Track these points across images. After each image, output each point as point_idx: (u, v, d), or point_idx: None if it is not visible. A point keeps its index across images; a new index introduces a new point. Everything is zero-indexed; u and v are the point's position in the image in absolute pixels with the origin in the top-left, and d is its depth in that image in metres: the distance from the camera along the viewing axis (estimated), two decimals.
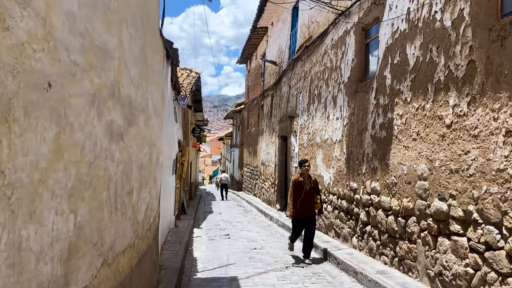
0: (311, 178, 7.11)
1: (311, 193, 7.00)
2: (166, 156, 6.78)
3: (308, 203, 6.95)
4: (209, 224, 11.45)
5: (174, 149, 8.71)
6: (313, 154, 9.62)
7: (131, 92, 3.58)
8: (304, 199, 6.92)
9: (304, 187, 6.95)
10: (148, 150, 4.49)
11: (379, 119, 6.35)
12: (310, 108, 10.01)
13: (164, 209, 7.28)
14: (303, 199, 6.91)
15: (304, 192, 6.92)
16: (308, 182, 7.02)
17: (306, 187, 6.96)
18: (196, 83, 13.42)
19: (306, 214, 6.95)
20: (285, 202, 13.29)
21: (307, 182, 7.00)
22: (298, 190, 6.94)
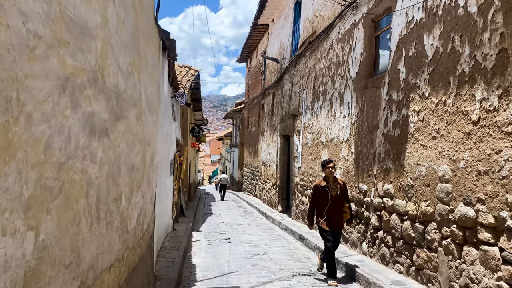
0: (337, 182, 5.80)
1: (339, 201, 5.72)
2: (162, 156, 6.28)
3: (336, 213, 5.67)
4: (209, 226, 10.95)
5: (171, 148, 8.21)
6: (317, 154, 9.12)
7: (119, 82, 3.09)
8: (331, 209, 5.66)
9: (329, 193, 5.68)
10: (140, 149, 3.99)
11: (392, 116, 5.86)
12: (315, 106, 9.51)
13: (161, 213, 6.78)
14: (330, 208, 5.66)
15: (329, 199, 5.67)
16: (334, 187, 5.74)
17: (332, 193, 5.69)
18: (195, 80, 12.92)
19: (334, 227, 5.68)
20: (287, 203, 12.81)
21: (333, 187, 5.73)
22: (322, 197, 5.67)
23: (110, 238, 2.83)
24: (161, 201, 6.50)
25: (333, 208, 5.69)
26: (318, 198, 5.77)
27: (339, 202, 5.74)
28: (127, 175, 3.41)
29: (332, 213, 5.69)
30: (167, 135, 7.15)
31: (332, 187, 5.74)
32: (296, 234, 8.98)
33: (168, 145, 7.56)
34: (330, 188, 5.74)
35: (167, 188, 7.49)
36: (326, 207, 5.68)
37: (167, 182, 7.48)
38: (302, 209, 10.17)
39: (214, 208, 16.06)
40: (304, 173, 10.15)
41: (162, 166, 6.32)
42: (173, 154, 8.40)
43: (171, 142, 8.18)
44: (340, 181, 5.89)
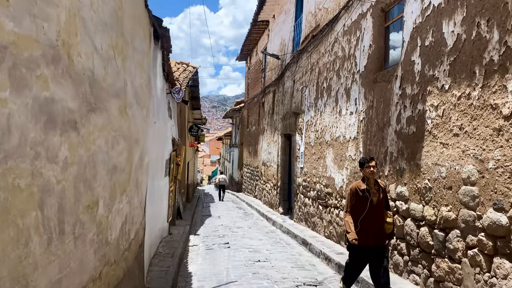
0: (379, 185, 4.59)
1: (380, 208, 4.53)
2: (156, 156, 5.75)
3: (375, 223, 4.47)
4: (207, 229, 10.42)
5: (167, 148, 7.68)
6: (321, 153, 8.60)
7: (95, 67, 2.56)
8: (369, 217, 4.45)
9: (370, 198, 4.49)
10: (126, 147, 3.46)
11: (406, 112, 5.33)
12: (318, 103, 8.99)
13: (155, 217, 6.25)
14: (367, 217, 4.45)
15: (369, 206, 4.47)
16: (376, 191, 4.53)
17: (373, 198, 4.50)
18: (193, 77, 12.38)
19: (372, 240, 4.44)
20: (289, 205, 12.28)
21: (374, 192, 4.52)
22: (360, 203, 4.51)
23: (81, 255, 2.30)
24: (155, 204, 5.97)
25: (372, 217, 4.46)
26: (354, 203, 4.57)
27: (380, 211, 4.53)
28: (107, 178, 2.88)
29: (370, 223, 4.45)
30: (161, 133, 6.62)
31: (373, 192, 4.52)
32: (299, 238, 8.45)
33: (163, 144, 7.03)
34: (371, 193, 4.51)
35: (161, 190, 6.96)
36: (362, 215, 4.47)
37: (161, 184, 6.95)
38: (305, 212, 9.65)
39: (213, 210, 15.53)
40: (307, 173, 9.63)
41: (155, 166, 5.79)
42: (168, 154, 7.87)
43: (167, 141, 7.65)
44: (382, 184, 4.66)
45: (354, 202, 4.58)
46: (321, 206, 8.49)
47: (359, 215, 4.50)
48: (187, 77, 11.73)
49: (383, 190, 4.62)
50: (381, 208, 4.55)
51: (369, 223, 4.46)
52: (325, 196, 8.25)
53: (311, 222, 9.13)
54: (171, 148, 8.24)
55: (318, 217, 8.65)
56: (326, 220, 8.13)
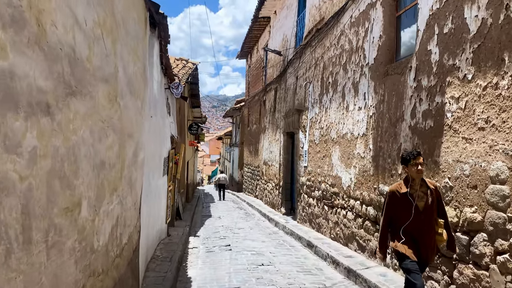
0: (427, 187, 3.66)
1: (428, 216, 3.59)
2: (152, 153, 5.34)
3: (422, 234, 3.59)
4: (207, 231, 10.01)
5: (165, 145, 7.27)
6: (327, 151, 8.19)
7: (76, 44, 2.15)
8: (415, 227, 3.57)
9: (415, 204, 3.57)
10: (116, 141, 3.05)
11: (421, 106, 4.93)
12: (323, 99, 8.58)
13: (152, 218, 5.85)
14: (413, 226, 3.57)
15: (413, 213, 3.55)
16: (422, 194, 3.62)
17: (419, 204, 3.59)
18: (192, 74, 11.97)
19: (417, 257, 3.55)
20: (291, 205, 11.88)
21: (420, 195, 3.60)
22: (402, 210, 3.61)
23: (57, 268, 1.89)
24: (151, 204, 5.57)
25: (419, 226, 3.57)
26: (394, 210, 3.70)
27: (429, 218, 3.59)
28: (93, 175, 2.47)
29: (417, 234, 3.59)
30: (159, 129, 6.22)
31: (419, 195, 3.59)
32: (303, 240, 8.05)
33: (161, 141, 6.62)
34: (417, 196, 3.58)
35: (159, 190, 6.55)
36: (406, 223, 3.60)
37: (159, 183, 6.54)
38: (309, 212, 9.24)
39: (213, 210, 15.12)
40: (311, 172, 9.22)
41: (152, 164, 5.39)
42: (167, 152, 7.47)
43: (165, 138, 7.24)
44: (431, 185, 3.70)
45: (393, 209, 3.69)
46: (327, 206, 8.09)
47: (402, 224, 3.61)
48: (186, 73, 11.32)
49: (432, 193, 3.64)
50: (429, 216, 3.57)
51: (415, 234, 3.56)
52: (331, 196, 7.84)
53: (316, 223, 8.73)
54: (169, 146, 7.83)
55: (324, 218, 8.25)
56: (332, 221, 7.72)
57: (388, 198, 3.77)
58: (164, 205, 7.36)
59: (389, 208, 3.76)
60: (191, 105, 16.41)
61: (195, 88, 14.34)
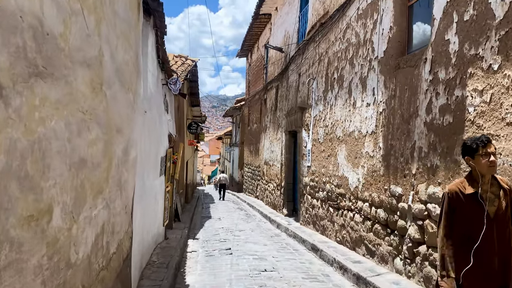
0: (499, 186, 2.67)
1: (503, 225, 2.61)
2: (147, 151, 4.94)
3: (497, 251, 2.57)
4: (207, 233, 9.60)
5: (162, 144, 6.87)
6: (332, 150, 7.79)
7: (45, 15, 1.74)
8: (486, 243, 2.55)
9: (486, 210, 2.58)
10: (101, 135, 2.64)
11: (438, 100, 4.52)
12: (328, 96, 8.18)
13: (148, 221, 5.45)
14: (486, 241, 2.55)
15: (486, 222, 2.55)
16: (493, 196, 2.62)
17: (490, 209, 2.60)
18: (192, 71, 11.57)
19: (493, 282, 2.58)
20: (293, 206, 11.49)
21: (492, 197, 2.62)
22: (469, 218, 2.64)
23: None
24: (147, 207, 5.16)
25: (491, 241, 2.57)
26: (458, 218, 2.68)
27: (504, 229, 2.61)
28: (70, 175, 2.07)
29: (489, 252, 2.57)
30: (155, 126, 5.82)
31: (489, 197, 2.61)
32: (307, 243, 7.64)
33: (158, 139, 6.22)
34: (487, 199, 2.60)
35: (155, 191, 6.15)
36: (477, 238, 2.54)
37: (156, 184, 6.14)
38: (312, 214, 8.84)
39: (213, 211, 14.72)
40: (314, 172, 8.81)
41: (147, 163, 4.98)
42: (164, 151, 7.06)
43: (162, 136, 6.84)
44: (505, 184, 2.69)
45: (456, 218, 2.68)
46: (332, 208, 7.68)
47: (468, 239, 2.60)
48: (185, 70, 10.93)
49: (507, 194, 2.65)
50: (504, 226, 2.60)
51: (486, 253, 2.55)
52: (336, 197, 7.44)
53: (320, 226, 8.32)
54: (167, 144, 7.43)
55: (329, 220, 7.84)
56: (338, 224, 7.32)
57: (448, 201, 2.72)
58: (161, 207, 6.95)
59: (451, 216, 2.69)
60: (190, 104, 16.00)
61: (194, 86, 13.94)
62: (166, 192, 7.34)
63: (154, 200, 5.95)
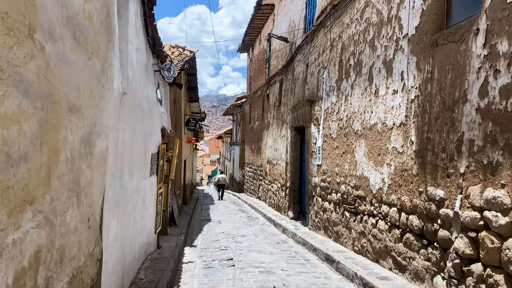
0: None
1: None
2: (129, 145, 3.93)
3: None
4: (206, 239, 8.59)
5: (154, 138, 5.86)
6: (348, 147, 6.78)
7: None
8: None
9: None
10: (30, 110, 1.63)
11: (498, 80, 3.52)
12: (342, 85, 7.18)
13: (132, 232, 4.45)
14: None
15: None
16: None
17: None
18: (189, 62, 10.56)
19: None
20: (300, 209, 10.50)
21: None
22: None
23: None
24: (129, 214, 4.15)
25: None
26: None
27: None
28: None
29: None
30: (143, 116, 4.81)
31: None
32: (320, 252, 6.64)
33: (147, 132, 5.21)
34: None
35: (143, 194, 5.14)
36: None
37: (144, 185, 5.13)
38: (324, 218, 7.83)
39: (213, 213, 13.70)
40: (326, 172, 7.81)
41: (130, 160, 3.97)
42: (156, 147, 6.05)
43: (153, 130, 5.83)
44: None
45: None
46: (348, 212, 6.68)
47: None
48: (183, 60, 9.91)
49: None
50: None
51: None
52: (354, 200, 6.44)
53: (333, 232, 7.32)
54: (160, 139, 6.42)
55: (344, 226, 6.83)
56: (356, 231, 6.31)
57: None
58: (152, 212, 5.94)
59: None
60: (188, 99, 14.96)
61: (193, 79, 12.92)
62: (158, 195, 6.33)
63: (140, 206, 4.93)
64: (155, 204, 6.21)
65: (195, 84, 13.31)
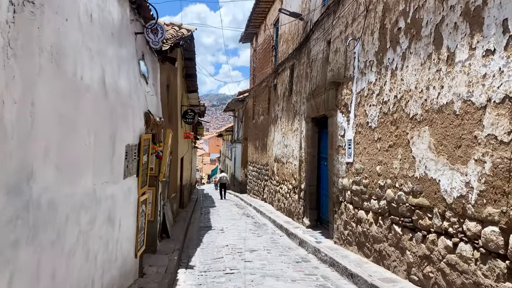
0: None
1: None
2: (59, 120, 2.12)
3: None
4: (206, 255, 6.77)
5: (130, 123, 4.03)
6: (398, 138, 4.97)
7: None
8: None
9: None
10: None
11: None
12: (386, 57, 5.36)
13: (89, 273, 2.62)
14: None
15: None
16: None
17: None
18: (187, 41, 8.72)
19: None
20: (318, 215, 8.71)
21: None
22: None
23: None
24: (70, 251, 2.34)
25: None
26: None
27: None
28: None
29: None
30: (104, 88, 2.98)
31: None
32: (360, 280, 4.82)
33: (116, 110, 3.39)
34: None
35: (111, 207, 3.31)
36: None
37: (113, 193, 3.31)
38: (358, 231, 6.01)
39: (214, 218, 11.87)
40: (361, 171, 6.00)
41: (66, 153, 2.17)
42: (136, 137, 4.23)
43: (130, 111, 4.01)
44: None
45: None
46: (400, 227, 4.86)
47: None
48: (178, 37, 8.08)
49: None
50: None
51: None
52: (410, 210, 4.62)
53: (373, 250, 5.50)
54: (142, 127, 4.59)
55: (392, 245, 5.02)
56: (415, 254, 4.49)
57: None
58: (129, 230, 4.11)
59: None
60: (186, 89, 13.10)
61: (191, 65, 11.08)
62: (140, 204, 4.50)
63: (104, 226, 3.11)
64: (136, 217, 4.39)
65: (193, 71, 11.45)
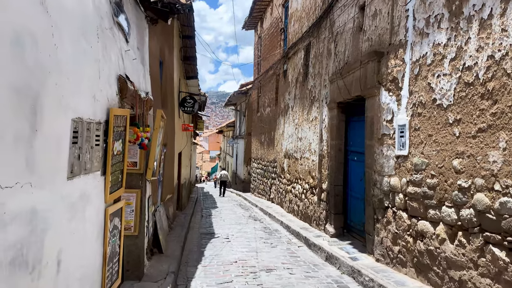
0: None
1: None
2: None
3: None
4: (210, 277, 5.13)
5: (84, 82, 2.38)
6: (497, 118, 3.32)
7: None
8: None
9: None
10: None
11: None
12: (469, 4, 3.71)
13: None
14: None
15: None
16: None
17: None
18: (185, 10, 7.03)
19: None
20: (344, 221, 7.07)
21: None
22: None
23: None
24: None
25: None
26: None
27: None
28: None
29: None
30: None
31: None
32: None
33: (61, 63, 1.73)
34: None
35: (33, 228, 1.68)
36: None
37: (43, 201, 1.67)
38: (418, 249, 4.36)
39: (216, 221, 10.22)
40: (422, 168, 4.35)
41: None
42: (100, 109, 2.58)
43: (86, 63, 2.36)
44: None
45: None
46: (503, 250, 3.22)
47: None
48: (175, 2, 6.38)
49: None
50: None
51: None
52: None
53: (449, 279, 3.86)
54: (114, 97, 2.94)
55: (487, 276, 3.37)
56: None
57: None
58: (89, 263, 2.47)
59: None
60: (184, 74, 11.41)
61: (190, 46, 9.39)
62: (110, 217, 2.85)
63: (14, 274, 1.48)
64: (101, 240, 2.74)
65: (193, 53, 9.75)
